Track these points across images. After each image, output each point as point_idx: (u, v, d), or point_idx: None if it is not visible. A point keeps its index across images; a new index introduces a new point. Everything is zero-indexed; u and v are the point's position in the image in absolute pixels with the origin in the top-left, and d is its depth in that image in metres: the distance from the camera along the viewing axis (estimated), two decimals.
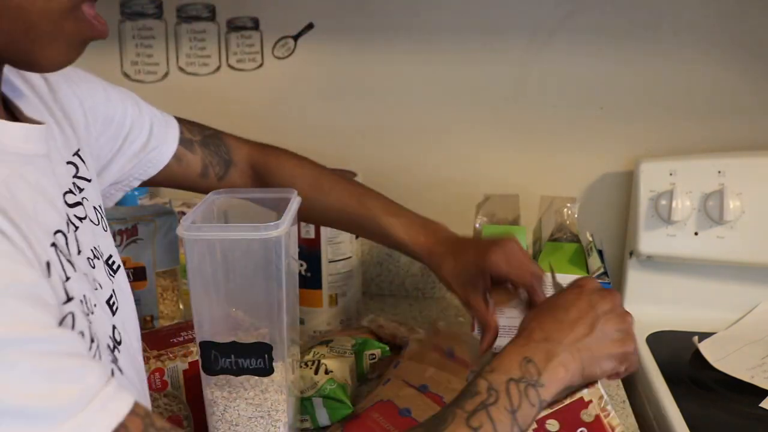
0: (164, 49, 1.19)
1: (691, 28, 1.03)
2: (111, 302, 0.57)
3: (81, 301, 0.48)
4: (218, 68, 1.18)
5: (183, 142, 0.75)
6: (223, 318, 0.66)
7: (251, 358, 0.65)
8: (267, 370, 0.65)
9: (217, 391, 0.67)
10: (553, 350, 0.58)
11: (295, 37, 1.15)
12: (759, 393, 0.83)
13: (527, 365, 0.57)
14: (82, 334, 0.46)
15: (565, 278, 0.77)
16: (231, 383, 0.67)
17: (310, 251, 0.99)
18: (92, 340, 0.48)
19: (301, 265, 0.99)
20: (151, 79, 1.21)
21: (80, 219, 0.55)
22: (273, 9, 1.14)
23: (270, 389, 0.66)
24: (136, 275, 0.95)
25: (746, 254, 0.97)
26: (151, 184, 0.76)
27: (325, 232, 0.98)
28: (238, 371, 0.65)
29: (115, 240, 0.96)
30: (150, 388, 0.71)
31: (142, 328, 0.65)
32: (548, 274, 0.73)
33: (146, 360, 0.72)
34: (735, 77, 1.04)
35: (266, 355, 0.64)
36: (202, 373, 0.67)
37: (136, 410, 0.41)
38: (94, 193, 0.61)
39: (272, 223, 0.62)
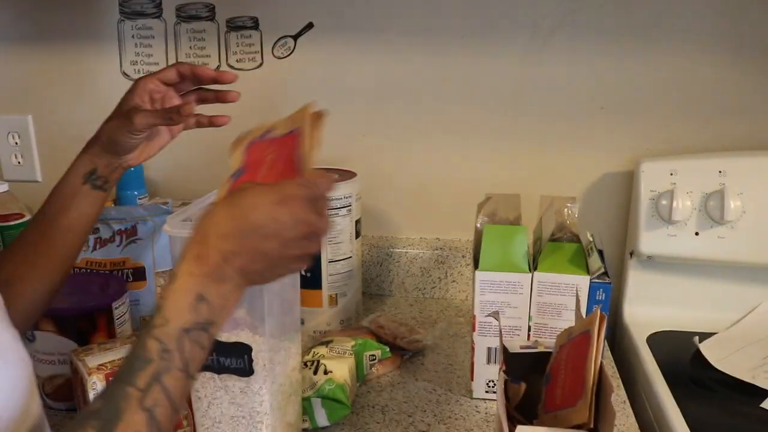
0: (164, 48, 1.19)
1: (691, 28, 1.03)
2: None
3: None
4: (218, 68, 1.18)
5: None
6: None
7: (231, 358, 0.65)
8: (247, 371, 0.65)
9: (201, 388, 0.68)
10: (227, 283, 0.50)
11: (295, 37, 1.15)
12: (760, 393, 0.83)
13: (200, 306, 0.49)
14: None
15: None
16: (215, 381, 0.67)
17: None
18: None
19: None
20: None
21: None
22: (273, 8, 1.14)
23: (251, 390, 0.66)
24: (136, 275, 0.95)
25: (747, 254, 0.97)
26: None
27: None
28: (220, 369, 0.66)
29: (114, 240, 0.96)
30: None
31: (142, 329, 0.64)
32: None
33: None
34: (735, 77, 1.04)
35: (246, 356, 0.64)
36: None
37: None
38: None
39: None
